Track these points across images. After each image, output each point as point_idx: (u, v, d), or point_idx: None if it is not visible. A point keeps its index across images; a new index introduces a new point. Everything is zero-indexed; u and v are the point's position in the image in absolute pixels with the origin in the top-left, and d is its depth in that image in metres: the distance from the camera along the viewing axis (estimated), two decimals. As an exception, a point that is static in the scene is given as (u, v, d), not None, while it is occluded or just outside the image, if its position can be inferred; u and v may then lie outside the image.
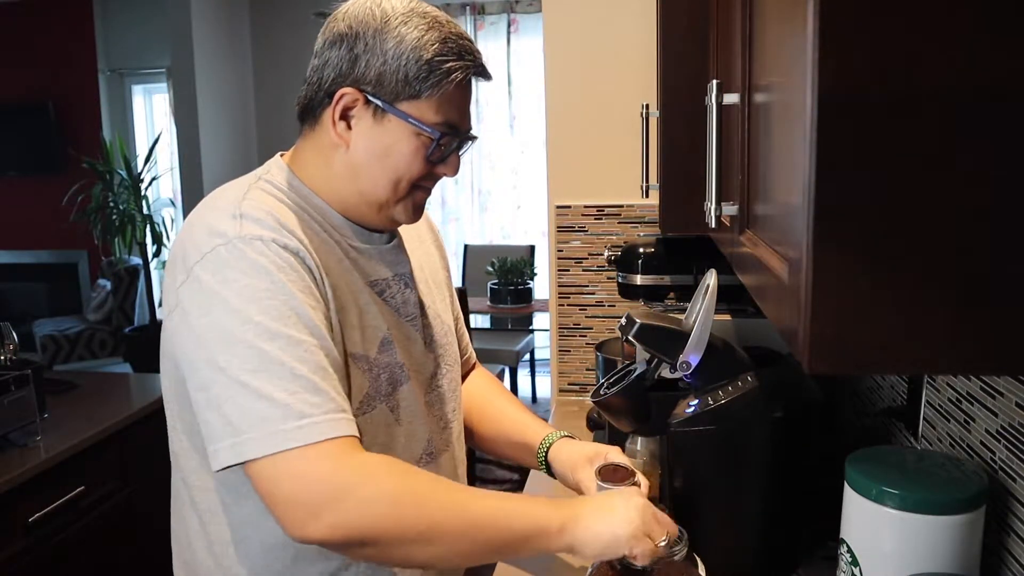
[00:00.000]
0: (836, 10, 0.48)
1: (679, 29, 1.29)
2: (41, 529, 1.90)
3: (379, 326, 1.03)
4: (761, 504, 1.12)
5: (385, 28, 0.95)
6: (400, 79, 0.95)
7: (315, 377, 0.88)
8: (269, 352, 0.87)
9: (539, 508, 0.95)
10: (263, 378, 0.86)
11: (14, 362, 2.07)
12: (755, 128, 0.77)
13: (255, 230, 0.92)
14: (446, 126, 0.98)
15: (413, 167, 0.99)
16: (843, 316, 0.52)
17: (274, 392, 0.86)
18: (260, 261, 0.90)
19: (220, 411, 0.87)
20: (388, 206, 1.02)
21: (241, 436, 0.86)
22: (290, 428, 0.85)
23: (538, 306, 4.39)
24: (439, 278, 1.23)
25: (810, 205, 0.51)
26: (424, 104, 0.96)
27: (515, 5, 5.45)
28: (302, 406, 0.86)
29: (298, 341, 0.88)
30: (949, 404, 1.03)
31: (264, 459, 0.85)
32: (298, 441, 0.85)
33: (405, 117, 0.97)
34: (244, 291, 0.88)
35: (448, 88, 0.96)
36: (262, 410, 0.85)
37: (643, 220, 2.04)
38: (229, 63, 5.18)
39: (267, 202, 0.97)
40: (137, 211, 5.17)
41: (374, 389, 1.01)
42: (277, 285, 0.90)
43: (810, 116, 0.50)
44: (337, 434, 0.87)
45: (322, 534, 0.85)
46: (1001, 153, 0.49)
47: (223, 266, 0.90)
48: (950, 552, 0.84)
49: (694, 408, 1.10)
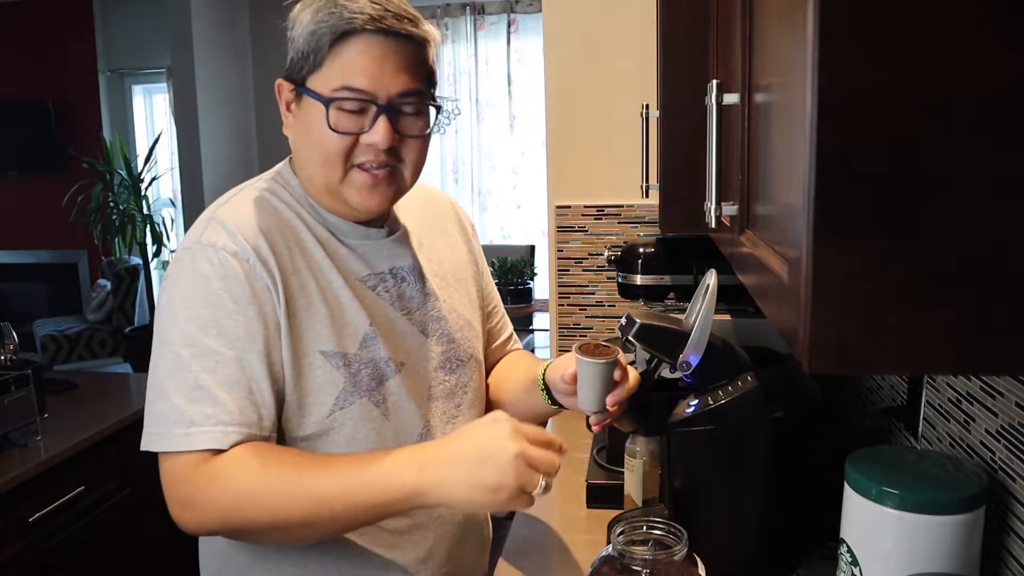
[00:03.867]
0: (836, 10, 0.48)
1: (679, 29, 1.29)
2: (41, 529, 1.90)
3: (360, 323, 1.04)
4: (761, 504, 1.12)
5: (297, 14, 1.00)
6: (301, 57, 0.99)
7: (218, 390, 0.94)
8: (183, 358, 0.94)
9: (392, 473, 0.89)
10: (172, 381, 0.95)
11: (14, 362, 2.07)
12: (755, 128, 0.77)
13: (213, 237, 0.98)
14: (344, 89, 0.97)
15: (327, 140, 0.98)
16: (843, 316, 0.52)
17: (176, 397, 0.94)
18: (204, 269, 0.97)
19: (148, 401, 0.98)
20: (334, 189, 1.02)
21: (149, 429, 0.97)
22: (179, 433, 0.93)
23: (538, 306, 4.39)
24: (464, 273, 1.23)
25: (810, 205, 0.51)
26: (323, 74, 0.98)
27: (515, 5, 5.45)
28: (194, 415, 0.93)
29: (212, 352, 0.94)
30: (949, 404, 1.03)
31: (160, 454, 0.96)
32: (181, 446, 0.93)
33: (308, 92, 0.99)
34: (182, 297, 0.97)
35: (338, 48, 0.96)
36: (163, 410, 0.95)
37: (643, 220, 2.04)
38: (229, 63, 5.18)
39: (249, 205, 1.03)
40: (137, 211, 5.17)
41: (351, 384, 1.02)
42: (211, 295, 0.96)
43: (810, 116, 0.50)
44: (217, 446, 0.93)
45: (194, 528, 0.96)
46: (1001, 153, 0.49)
47: (179, 269, 0.99)
48: (950, 552, 0.84)
49: (694, 408, 1.10)
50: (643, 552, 0.95)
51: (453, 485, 0.88)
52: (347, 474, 0.92)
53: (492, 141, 5.59)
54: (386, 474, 0.90)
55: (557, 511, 1.49)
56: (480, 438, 0.89)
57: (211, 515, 0.93)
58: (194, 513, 0.94)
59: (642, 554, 0.95)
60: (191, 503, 0.93)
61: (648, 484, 1.34)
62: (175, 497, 0.95)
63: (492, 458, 0.87)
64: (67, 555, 1.98)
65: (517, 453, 0.87)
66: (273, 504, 0.92)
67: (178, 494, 0.94)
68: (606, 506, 1.43)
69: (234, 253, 0.97)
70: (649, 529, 0.99)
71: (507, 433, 0.88)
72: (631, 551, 0.95)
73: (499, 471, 0.86)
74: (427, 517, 1.09)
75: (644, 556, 0.94)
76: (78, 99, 5.87)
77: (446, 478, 0.88)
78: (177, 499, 0.94)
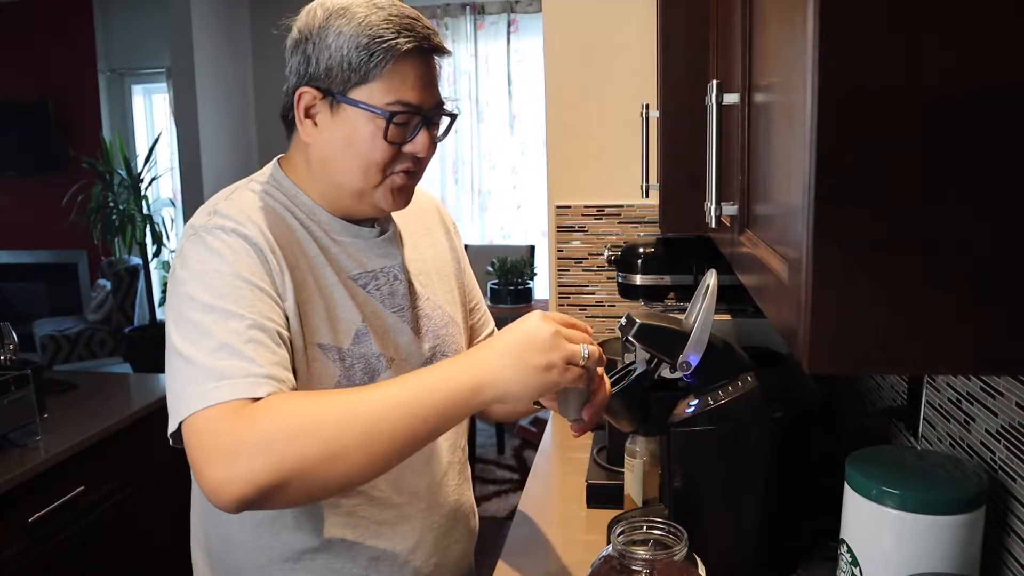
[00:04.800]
0: (836, 10, 0.48)
1: (679, 29, 1.29)
2: (41, 529, 1.90)
3: (352, 319, 1.07)
4: (761, 504, 1.12)
5: (326, 23, 1.01)
6: (345, 67, 0.99)
7: (244, 347, 0.91)
8: (203, 323, 0.92)
9: (445, 375, 0.91)
10: (194, 348, 0.92)
11: (14, 362, 2.07)
12: (755, 128, 0.77)
13: (222, 221, 1.00)
14: (399, 104, 1.00)
15: (375, 151, 1.01)
16: (843, 316, 0.52)
17: (200, 357, 0.91)
18: (214, 245, 0.97)
19: (170, 384, 0.93)
20: (367, 193, 1.05)
21: (175, 402, 0.91)
22: (209, 388, 0.88)
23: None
24: (447, 269, 1.26)
25: (810, 205, 0.51)
26: (373, 87, 1.00)
27: (515, 5, 5.45)
28: (224, 368, 0.89)
29: (232, 314, 0.93)
30: (949, 404, 1.03)
31: (187, 420, 0.89)
32: (214, 399, 0.88)
33: (355, 103, 1.00)
34: (196, 274, 0.96)
35: (393, 66, 0.99)
36: (190, 373, 0.90)
37: (643, 220, 2.04)
38: (229, 63, 5.18)
39: (248, 202, 1.04)
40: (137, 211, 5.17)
41: (346, 378, 1.05)
42: (225, 266, 0.96)
43: (810, 116, 0.50)
44: (254, 395, 0.89)
45: (238, 487, 0.84)
46: (1002, 152, 0.49)
47: (189, 252, 0.98)
48: (950, 552, 0.84)
49: (694, 408, 1.10)
50: (643, 552, 0.95)
51: (507, 374, 0.91)
52: (399, 387, 0.90)
53: (492, 141, 5.60)
54: (439, 379, 0.91)
55: (557, 511, 1.49)
56: (517, 330, 0.94)
57: (256, 461, 0.84)
58: (237, 465, 0.84)
59: (642, 554, 0.95)
60: (235, 451, 0.85)
61: (648, 484, 1.34)
62: (213, 452, 0.86)
63: (534, 341, 0.91)
64: (67, 555, 1.99)
65: (554, 331, 0.92)
66: (328, 428, 0.87)
67: (214, 449, 0.86)
68: (606, 506, 1.43)
69: (243, 235, 0.99)
70: (649, 529, 0.99)
71: (538, 318, 0.93)
72: (631, 551, 0.95)
73: (544, 350, 0.91)
74: (415, 508, 1.12)
75: (644, 556, 0.94)
76: (78, 99, 5.87)
77: (499, 369, 0.91)
78: (216, 454, 0.86)
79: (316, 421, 0.87)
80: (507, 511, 3.67)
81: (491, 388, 0.90)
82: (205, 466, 0.86)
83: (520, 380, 0.91)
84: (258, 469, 0.84)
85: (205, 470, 0.86)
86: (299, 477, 0.86)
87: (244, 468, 0.84)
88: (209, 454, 0.86)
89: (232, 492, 0.84)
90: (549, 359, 0.91)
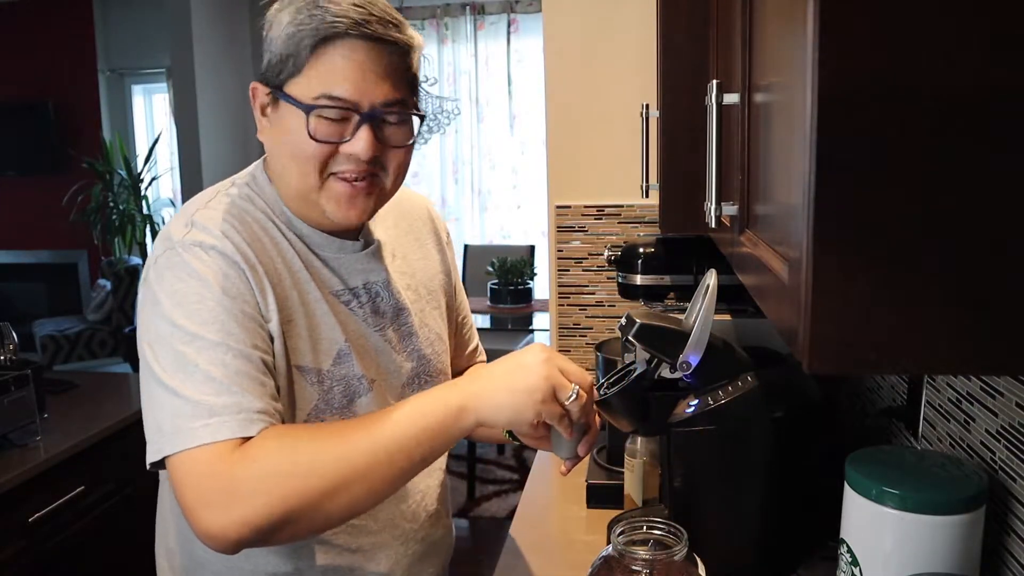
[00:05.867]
0: (836, 10, 0.48)
1: (679, 29, 1.29)
2: (41, 529, 1.90)
3: (335, 338, 1.02)
4: (761, 504, 1.12)
5: (273, 19, 0.96)
6: (279, 61, 0.94)
7: (229, 380, 0.88)
8: (187, 354, 0.88)
9: (433, 400, 0.92)
10: (179, 379, 0.87)
11: (14, 362, 2.07)
12: (755, 128, 0.77)
13: (200, 236, 0.94)
14: (324, 98, 0.93)
15: (306, 148, 0.94)
16: (843, 316, 0.52)
17: (186, 390, 0.86)
18: (194, 265, 0.92)
19: (149, 410, 0.90)
20: (311, 198, 0.98)
21: (157, 435, 0.88)
22: (198, 426, 0.85)
23: (538, 306, 4.39)
24: (435, 284, 1.21)
25: (810, 205, 0.51)
26: (303, 81, 0.93)
27: (515, 5, 5.45)
28: (214, 404, 0.86)
29: (216, 344, 0.89)
30: (949, 404, 1.03)
31: (175, 456, 0.86)
32: (204, 439, 0.84)
33: (286, 98, 0.94)
34: (175, 295, 0.91)
35: (317, 54, 0.92)
36: (176, 407, 0.87)
37: (643, 220, 2.04)
38: (229, 63, 5.18)
39: (227, 211, 0.98)
40: (137, 211, 5.18)
41: (324, 402, 1.00)
42: (207, 290, 0.91)
43: (810, 116, 0.50)
44: (245, 434, 0.86)
45: (232, 533, 0.82)
46: (1002, 151, 0.49)
47: (164, 270, 0.93)
48: (950, 552, 0.84)
49: (694, 408, 1.10)
50: (643, 552, 0.95)
51: (493, 393, 0.91)
52: (394, 414, 0.90)
53: (492, 141, 5.60)
54: (431, 400, 0.92)
55: (557, 511, 1.49)
56: (513, 355, 0.96)
57: (258, 501, 0.82)
58: (234, 508, 0.82)
59: (642, 554, 0.95)
60: (230, 496, 0.82)
61: (648, 484, 1.34)
62: (204, 498, 0.83)
63: (525, 364, 0.92)
64: (67, 555, 1.99)
65: (548, 358, 0.93)
66: (327, 463, 0.85)
67: (209, 492, 0.83)
68: (606, 506, 1.43)
69: (223, 252, 0.94)
70: (649, 529, 0.99)
71: (537, 347, 0.95)
72: (631, 551, 0.95)
73: (533, 373, 0.91)
74: (390, 535, 1.09)
75: (644, 556, 0.94)
76: (78, 99, 5.88)
77: (486, 389, 0.92)
78: (207, 499, 0.83)
79: (314, 456, 0.86)
80: (507, 511, 3.67)
81: (475, 410, 0.91)
82: (199, 509, 0.83)
83: (504, 401, 0.91)
84: (259, 511, 0.82)
85: (199, 513, 0.83)
86: (301, 515, 0.84)
87: (243, 511, 0.82)
88: (203, 497, 0.83)
89: (230, 536, 0.82)
90: (534, 383, 0.91)
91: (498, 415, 0.92)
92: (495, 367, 0.95)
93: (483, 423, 0.92)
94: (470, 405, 0.91)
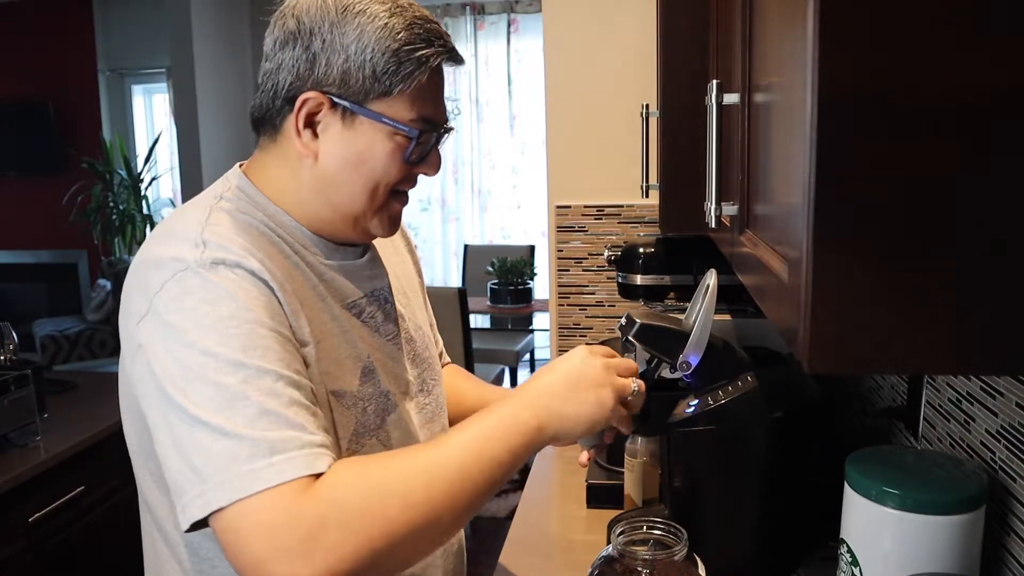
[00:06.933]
0: (836, 10, 0.48)
1: (679, 29, 1.29)
2: (41, 529, 1.90)
3: (359, 355, 0.94)
4: (761, 504, 1.12)
5: (343, 19, 0.86)
6: (367, 75, 0.86)
7: (287, 410, 0.77)
8: (231, 386, 0.76)
9: (512, 420, 0.86)
10: (226, 415, 0.75)
11: (14, 362, 2.07)
12: (755, 128, 0.77)
13: (218, 254, 0.82)
14: (423, 122, 0.89)
15: (391, 171, 0.90)
16: (843, 316, 0.52)
17: (238, 427, 0.74)
18: (223, 285, 0.80)
19: (184, 456, 0.76)
20: (364, 218, 0.93)
21: (208, 482, 0.74)
22: (261, 467, 0.73)
23: (538, 306, 4.40)
24: (414, 284, 1.16)
25: (810, 205, 0.51)
26: (397, 100, 0.87)
27: (515, 5, 5.45)
28: (274, 440, 0.75)
29: (265, 371, 0.77)
30: (949, 404, 1.03)
31: (232, 507, 0.73)
32: (270, 481, 0.73)
33: (378, 118, 0.87)
34: (203, 320, 0.78)
35: (421, 79, 0.87)
36: (227, 448, 0.74)
37: (643, 220, 2.04)
38: (229, 63, 5.18)
39: (234, 226, 0.88)
40: (137, 211, 5.18)
41: (361, 425, 0.93)
42: (242, 310, 0.79)
43: (810, 116, 0.50)
44: (314, 471, 0.75)
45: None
46: (1001, 152, 0.49)
47: (183, 294, 0.80)
48: (950, 552, 0.84)
49: (694, 408, 1.10)
50: (643, 552, 0.95)
51: (564, 410, 0.89)
52: (467, 436, 0.84)
53: (492, 141, 5.60)
54: (508, 421, 0.86)
55: (557, 511, 1.49)
56: (567, 366, 0.92)
57: (347, 543, 0.73)
58: (322, 552, 0.72)
59: (642, 554, 0.95)
60: (314, 540, 0.72)
61: (648, 484, 1.34)
62: (285, 544, 0.72)
63: (586, 376, 0.91)
64: (67, 555, 1.99)
65: (604, 365, 0.92)
66: (410, 493, 0.77)
67: (288, 541, 0.72)
68: (606, 506, 1.43)
69: (251, 271, 0.83)
70: (649, 529, 0.99)
71: (586, 353, 0.92)
72: (631, 551, 0.95)
73: (597, 384, 0.90)
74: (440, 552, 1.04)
75: (644, 556, 0.94)
76: (78, 99, 5.88)
77: (557, 408, 0.89)
78: (287, 549, 0.71)
79: (395, 488, 0.78)
80: (507, 511, 3.67)
81: (552, 428, 0.89)
82: (274, 563, 0.72)
83: (575, 415, 0.89)
84: (346, 555, 0.73)
85: (274, 567, 0.72)
86: (389, 552, 0.76)
87: (329, 557, 0.72)
88: (280, 548, 0.72)
89: None
90: (601, 395, 0.90)
91: (573, 430, 0.90)
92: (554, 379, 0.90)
93: (555, 440, 0.90)
94: (547, 424, 0.88)
